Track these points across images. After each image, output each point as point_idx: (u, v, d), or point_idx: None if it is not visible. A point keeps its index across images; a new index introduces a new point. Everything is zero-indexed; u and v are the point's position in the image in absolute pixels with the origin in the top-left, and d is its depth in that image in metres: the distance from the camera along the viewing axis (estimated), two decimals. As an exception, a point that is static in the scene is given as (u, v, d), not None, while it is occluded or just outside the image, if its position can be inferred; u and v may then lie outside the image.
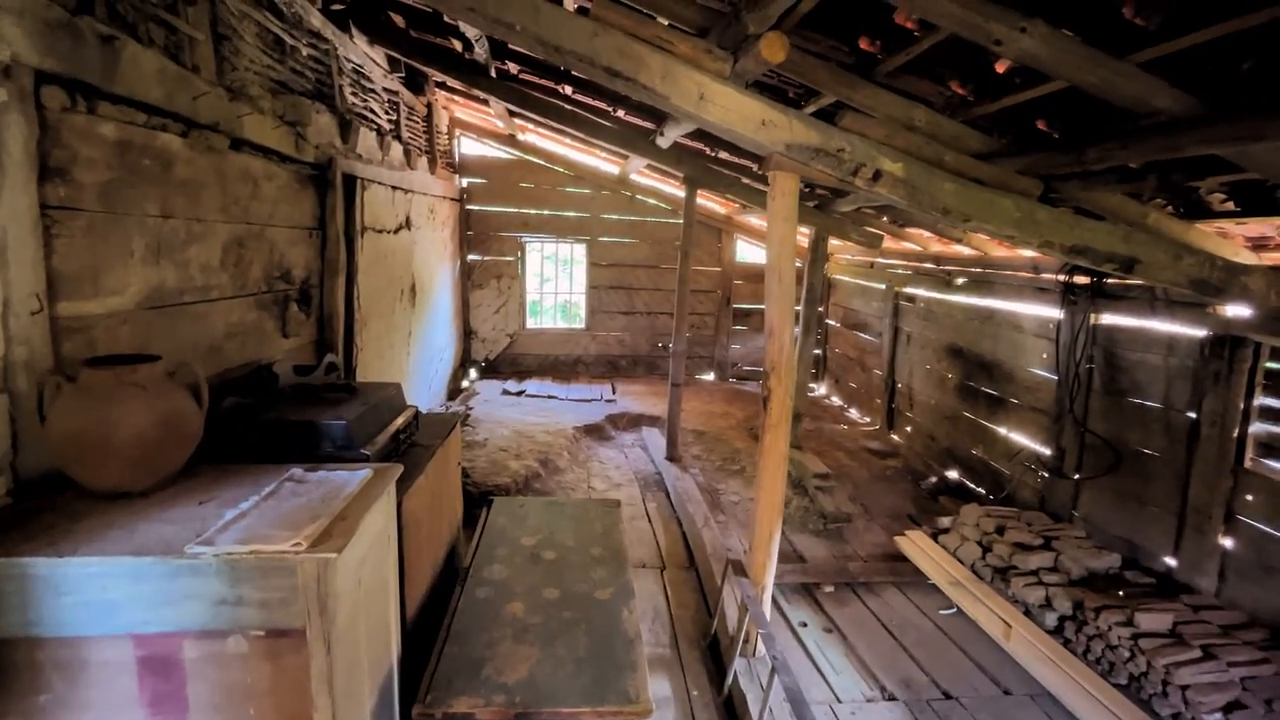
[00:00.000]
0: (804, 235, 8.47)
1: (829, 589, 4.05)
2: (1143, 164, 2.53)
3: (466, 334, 8.52)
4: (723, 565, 3.95)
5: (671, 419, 5.87)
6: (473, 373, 8.62)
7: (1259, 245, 3.40)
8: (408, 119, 5.74)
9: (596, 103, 5.36)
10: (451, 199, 7.68)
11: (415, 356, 6.23)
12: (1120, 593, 3.59)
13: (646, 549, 4.40)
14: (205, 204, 2.63)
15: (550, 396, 7.51)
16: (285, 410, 2.40)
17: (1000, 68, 2.64)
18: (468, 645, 2.33)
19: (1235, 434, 3.40)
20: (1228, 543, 3.47)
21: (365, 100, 4.54)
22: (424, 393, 6.69)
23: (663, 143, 4.89)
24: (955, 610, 3.86)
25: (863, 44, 2.81)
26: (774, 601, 3.79)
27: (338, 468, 2.10)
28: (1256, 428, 3.36)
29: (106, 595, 1.54)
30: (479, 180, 8.30)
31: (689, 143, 5.52)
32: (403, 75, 5.58)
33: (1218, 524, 3.49)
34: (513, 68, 5.11)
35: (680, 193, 8.42)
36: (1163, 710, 2.93)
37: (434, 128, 6.67)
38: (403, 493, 2.39)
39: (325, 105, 3.79)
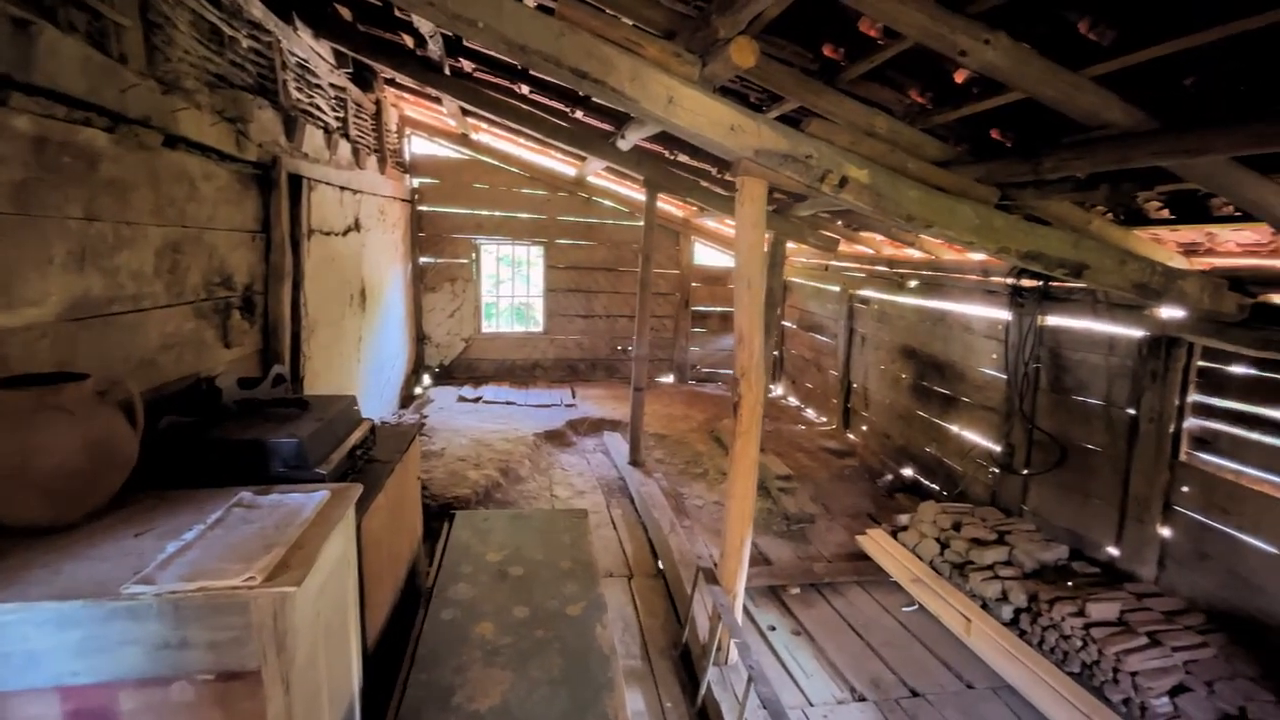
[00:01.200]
0: (766, 239, 8.60)
1: (795, 590, 4.08)
2: (1094, 174, 2.63)
3: (419, 339, 8.26)
4: (691, 572, 3.92)
5: (634, 423, 5.83)
6: (426, 379, 8.36)
7: (1190, 251, 3.60)
8: (356, 117, 5.51)
9: (555, 103, 5.27)
10: (402, 200, 7.43)
11: (366, 364, 5.98)
12: (1069, 583, 3.74)
13: (613, 557, 4.34)
14: (136, 205, 2.43)
15: (509, 402, 7.35)
16: (231, 428, 2.23)
17: (959, 77, 2.70)
18: (436, 671, 2.21)
19: (1171, 429, 3.59)
20: (1166, 532, 3.66)
21: (311, 96, 4.32)
22: (375, 402, 6.43)
23: (623, 145, 4.84)
24: (917, 607, 3.94)
25: (827, 51, 2.83)
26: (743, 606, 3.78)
27: (292, 490, 1.96)
28: (1190, 423, 3.56)
29: (28, 645, 1.38)
30: (431, 180, 8.06)
31: (649, 145, 5.48)
32: (350, 71, 5.34)
33: (1156, 515, 3.68)
34: (468, 65, 4.97)
35: (638, 195, 8.41)
36: (1114, 696, 3.05)
37: (383, 126, 6.42)
38: (361, 513, 2.26)
39: (268, 101, 3.58)
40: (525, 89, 5.15)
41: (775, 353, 8.87)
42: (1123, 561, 3.88)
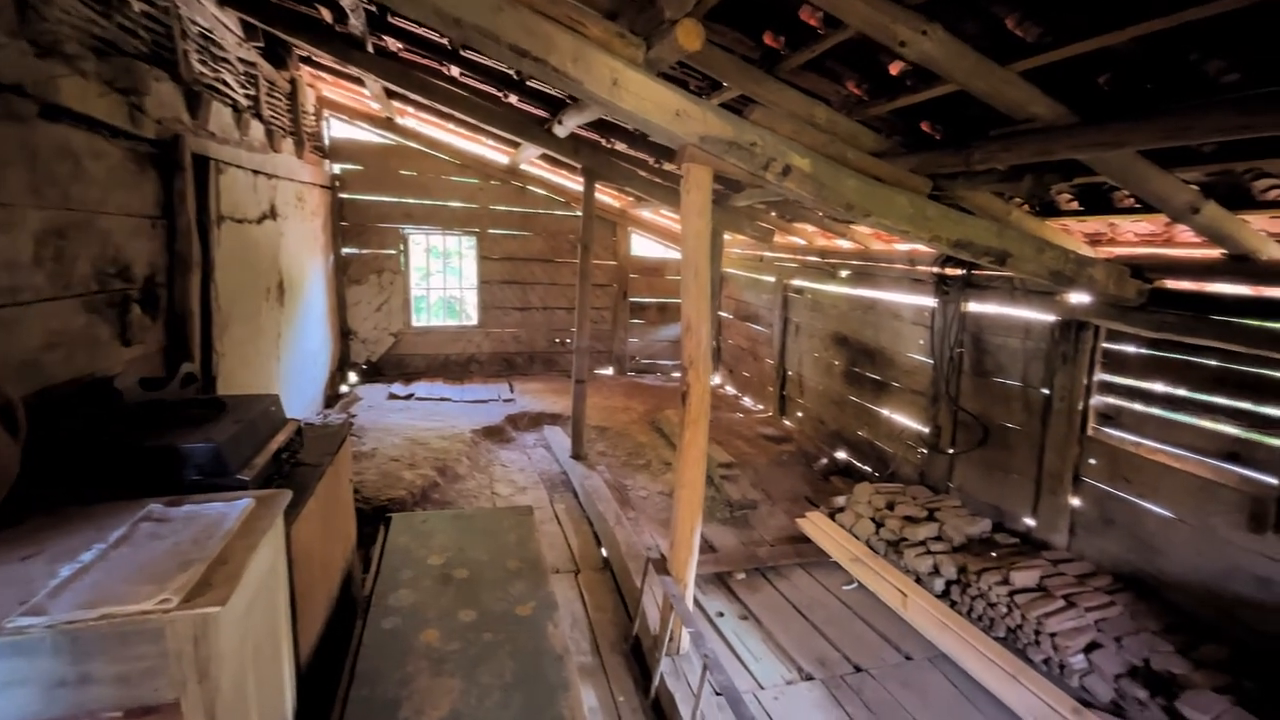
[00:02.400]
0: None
1: (741, 576, 4.14)
2: (1020, 165, 2.77)
3: (344, 334, 7.82)
4: (639, 564, 3.90)
5: (576, 416, 5.74)
6: (353, 377, 7.94)
7: (1094, 240, 3.87)
8: (269, 96, 5.11)
9: (487, 87, 5.08)
10: (322, 186, 6.98)
11: (287, 362, 5.60)
12: (993, 554, 3.97)
13: (558, 553, 4.25)
14: (9, 185, 2.13)
15: (443, 399, 7.09)
16: (136, 434, 2.01)
17: (894, 70, 2.77)
18: (379, 685, 2.08)
19: (1080, 407, 3.87)
20: (1075, 502, 3.94)
21: (217, 71, 3.96)
22: (298, 401, 6.04)
23: (560, 131, 4.72)
24: (856, 585, 4.09)
25: (767, 39, 2.84)
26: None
27: (210, 499, 1.78)
28: (1096, 400, 3.84)
29: (-113, 695, 1.18)
30: (353, 167, 7.62)
31: (586, 133, 5.38)
32: (261, 45, 4.94)
33: (1067, 486, 3.96)
34: (394, 44, 4.70)
35: (574, 185, 8.27)
36: (1036, 657, 3.27)
37: (299, 107, 6.00)
38: (291, 521, 2.09)
39: (166, 73, 3.25)
40: (456, 71, 4.94)
41: (713, 343, 8.97)
42: (1038, 531, 4.16)
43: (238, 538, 1.59)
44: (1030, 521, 4.24)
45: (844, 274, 6.11)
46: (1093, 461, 3.83)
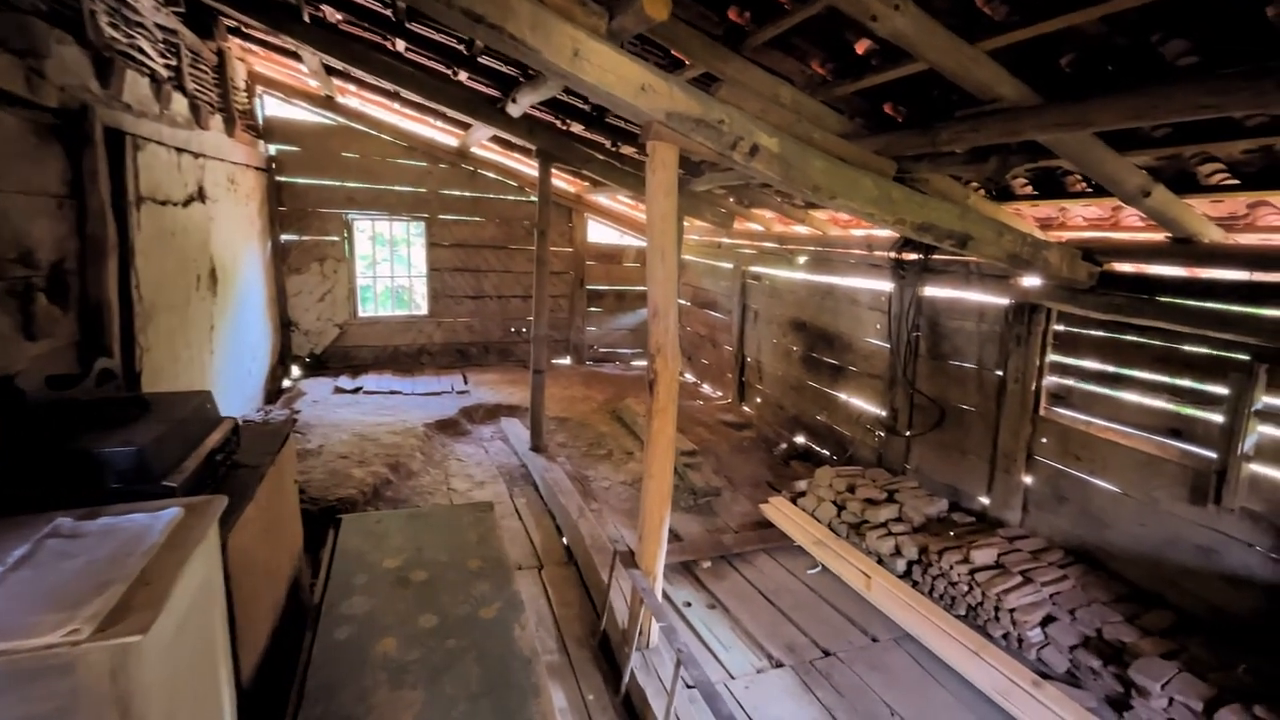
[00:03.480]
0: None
1: (707, 564, 4.10)
2: (985, 146, 2.77)
3: (285, 326, 7.40)
4: (604, 557, 3.81)
5: (535, 407, 5.59)
6: (296, 370, 7.54)
7: (1045, 225, 3.96)
8: (193, 67, 4.71)
9: (435, 64, 4.82)
10: (256, 168, 6.55)
11: (222, 355, 5.24)
12: (951, 533, 4.06)
13: (521, 548, 4.12)
14: (-124, 154, 1.85)
15: (393, 392, 6.80)
16: (41, 438, 1.78)
17: (860, 48, 2.73)
18: (333, 701, 1.93)
19: (1033, 387, 3.97)
20: (1028, 480, 4.06)
21: (131, 36, 3.60)
22: (236, 397, 5.68)
23: (514, 111, 4.52)
24: (820, 568, 4.11)
25: (731, 14, 2.75)
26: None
27: (131, 510, 1.58)
28: (1048, 381, 3.95)
29: None
30: (290, 148, 7.17)
31: (541, 114, 5.19)
32: (182, 11, 4.54)
33: (1020, 465, 4.08)
34: (331, 14, 4.39)
35: (528, 169, 8.03)
36: (996, 633, 3.35)
37: (228, 81, 5.58)
38: (227, 530, 1.90)
39: (71, 35, 2.91)
40: (401, 46, 4.66)
41: (671, 330, 8.92)
42: (993, 509, 4.27)
43: (164, 552, 1.42)
44: (985, 500, 4.35)
45: (802, 260, 6.13)
46: (1045, 440, 3.94)
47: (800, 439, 6.28)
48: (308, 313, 7.53)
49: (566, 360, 8.98)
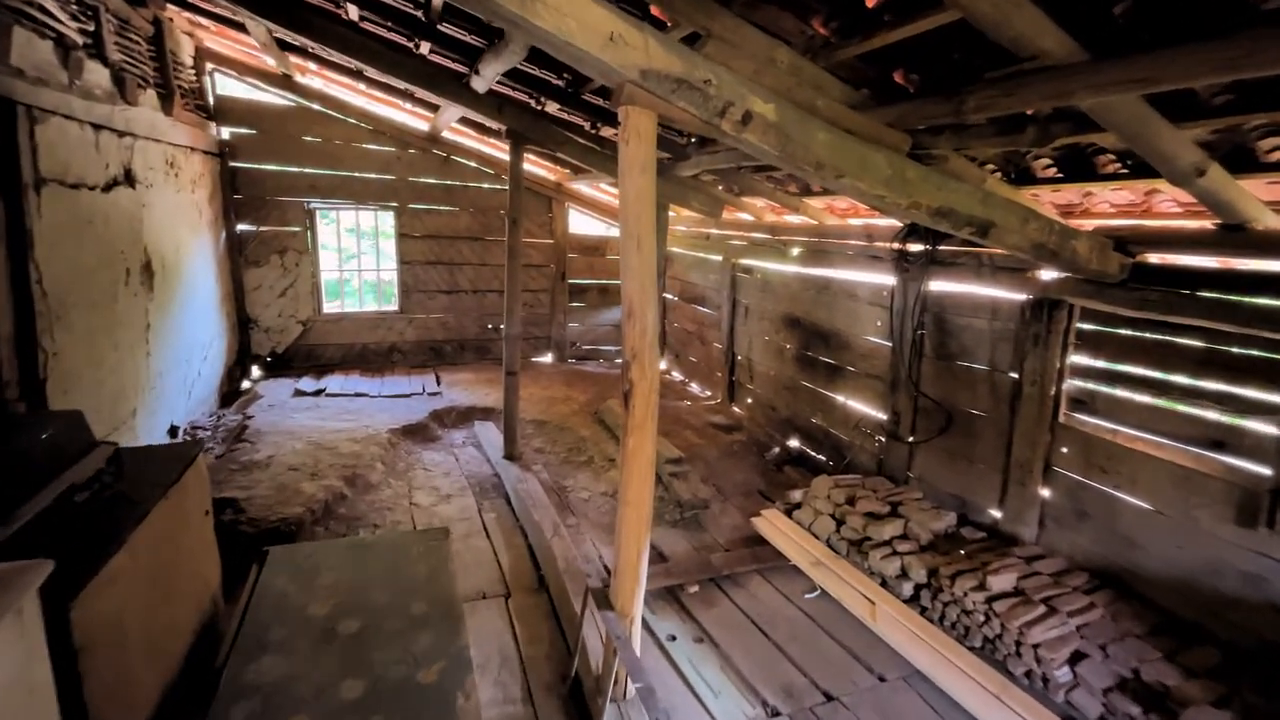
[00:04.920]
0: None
1: (694, 589, 3.70)
2: (1020, 116, 2.37)
3: (243, 324, 6.90)
4: (580, 584, 3.41)
5: (508, 411, 5.16)
6: (256, 371, 7.04)
7: (1066, 212, 3.58)
8: (119, 35, 4.21)
9: (395, 36, 4.34)
10: (206, 152, 6.03)
11: (162, 356, 4.76)
12: (962, 551, 3.69)
13: (486, 573, 3.70)
14: None
15: (359, 394, 6.34)
16: None
17: (870, 1, 2.31)
18: (207, 819, 1.51)
19: (1052, 392, 3.60)
20: (1046, 493, 3.70)
21: (24, -10, 3.11)
22: (180, 402, 5.20)
23: (479, 84, 4.07)
24: (819, 592, 3.73)
25: (721, -41, 2.32)
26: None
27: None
28: (1069, 384, 3.58)
29: None
30: (245, 131, 6.65)
31: (512, 91, 4.74)
32: (102, -30, 4.03)
33: (1037, 476, 3.71)
34: (271, -26, 3.91)
35: (503, 154, 7.55)
36: (1017, 670, 2.98)
37: (168, 55, 5.07)
38: (75, 594, 1.47)
39: (-71, -21, 2.43)
40: (354, 13, 4.18)
41: (659, 326, 8.50)
42: (1006, 524, 3.91)
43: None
44: (997, 513, 3.99)
45: (796, 252, 5.73)
46: (1065, 450, 3.58)
47: (794, 443, 5.90)
48: (268, 309, 7.03)
49: (547, 358, 8.55)
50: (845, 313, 5.20)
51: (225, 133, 6.52)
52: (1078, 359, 3.54)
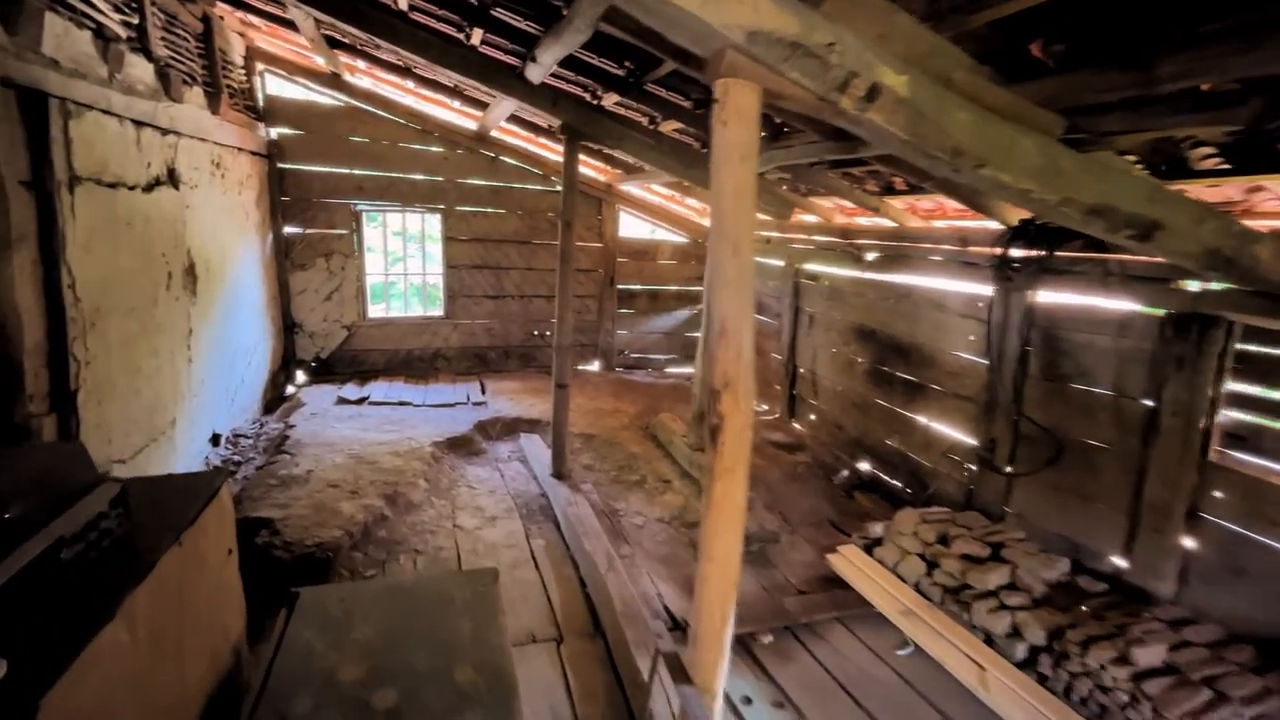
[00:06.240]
0: (698, 209, 7.70)
1: (768, 639, 3.27)
2: (1242, 85, 1.86)
3: (288, 328, 6.77)
4: (640, 631, 3.02)
5: (557, 427, 4.81)
6: (300, 376, 6.91)
7: (1222, 210, 3.01)
8: (166, 30, 4.05)
9: (444, 27, 4.07)
10: (254, 153, 5.90)
11: (204, 363, 4.59)
12: (1084, 608, 3.15)
13: (535, 611, 3.35)
14: None
15: (402, 403, 6.11)
16: None
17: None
18: None
19: (1201, 424, 3.04)
20: (1190, 543, 3.13)
21: (61, -25, 2.92)
22: (224, 409, 5.04)
23: (535, 74, 3.74)
24: (913, 648, 3.25)
25: (836, -97, 1.90)
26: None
27: None
28: (1225, 416, 3.01)
29: None
30: (294, 131, 6.52)
31: (567, 85, 4.41)
32: (149, -38, 3.87)
33: (1178, 523, 3.14)
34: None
35: (552, 155, 7.26)
36: (1174, 767, 2.45)
37: (217, 52, 4.92)
38: (45, 690, 1.15)
39: (-50, -44, 2.22)
40: (404, 3, 3.92)
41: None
42: (1134, 575, 3.35)
43: None
44: (1121, 562, 3.42)
45: (871, 257, 5.23)
46: (1218, 494, 3.01)
47: (864, 466, 5.39)
48: (313, 313, 6.89)
49: (594, 366, 8.21)
50: (930, 325, 4.68)
51: (274, 133, 6.40)
52: (1237, 386, 2.97)
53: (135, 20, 3.64)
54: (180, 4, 4.32)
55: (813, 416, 6.22)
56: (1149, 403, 3.26)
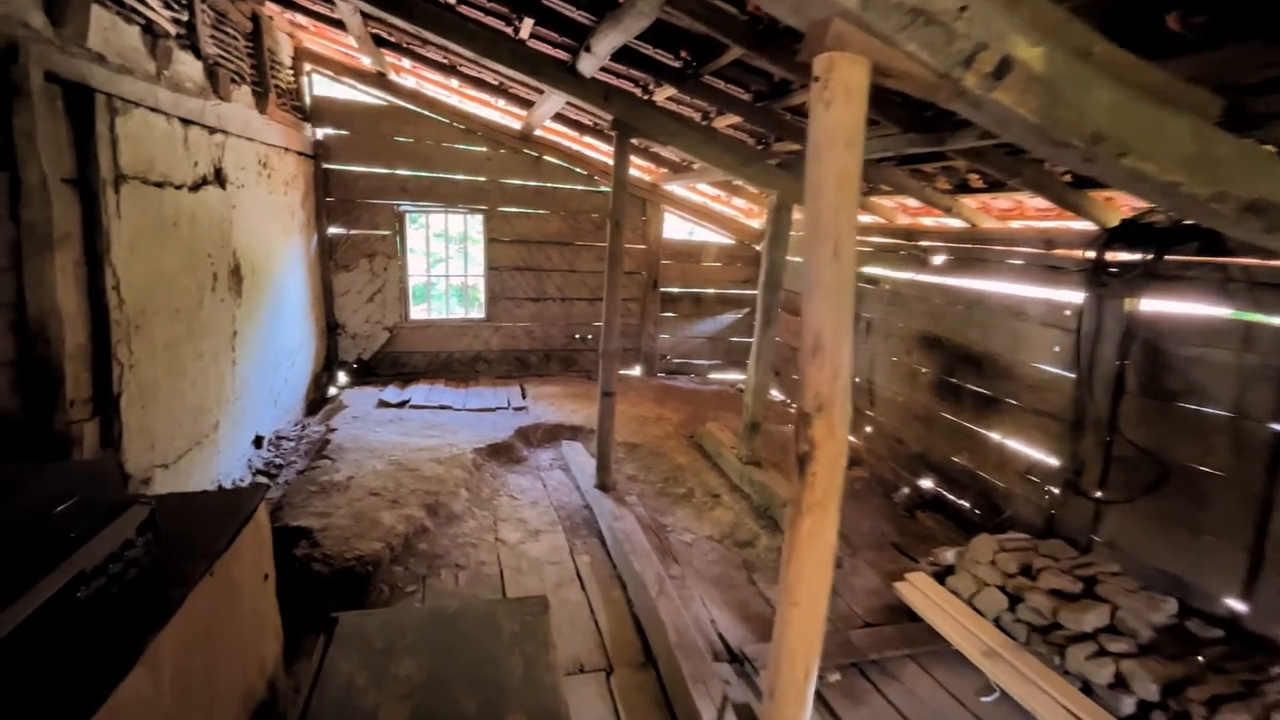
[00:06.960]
0: (745, 209, 7.45)
1: (835, 677, 2.99)
2: None
3: (331, 329, 6.75)
4: (696, 664, 2.79)
5: (602, 437, 4.61)
6: (342, 377, 6.88)
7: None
8: (215, 27, 4.00)
9: (492, 20, 3.91)
10: (300, 153, 5.88)
11: (248, 365, 4.54)
12: (1199, 658, 2.79)
13: (582, 637, 3.14)
14: None
15: (442, 407, 6.00)
16: None
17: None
18: None
19: (1345, 454, 2.65)
20: (1327, 589, 2.74)
21: (109, -32, 2.84)
22: (268, 411, 5.00)
23: (588, 65, 3.55)
24: (998, 694, 2.93)
25: None
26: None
27: None
28: (1376, 446, 2.62)
29: None
30: (339, 132, 6.49)
31: (617, 80, 4.21)
32: (199, -42, 3.81)
33: (1312, 565, 2.76)
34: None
35: (597, 154, 7.09)
36: None
37: (265, 52, 4.88)
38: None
39: (-6, -56, 2.13)
40: (452, -4, 3.78)
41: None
42: (1254, 622, 2.96)
43: None
44: (1238, 605, 3.03)
45: (938, 260, 4.89)
46: (1367, 535, 2.62)
47: (926, 483, 5.04)
48: (355, 314, 6.86)
49: (636, 371, 7.99)
50: (1007, 334, 4.32)
51: (320, 134, 6.38)
52: (1393, 411, 2.57)
53: (184, 17, 3.58)
54: (230, 2, 4.28)
55: (869, 429, 5.88)
56: (1276, 427, 2.87)
